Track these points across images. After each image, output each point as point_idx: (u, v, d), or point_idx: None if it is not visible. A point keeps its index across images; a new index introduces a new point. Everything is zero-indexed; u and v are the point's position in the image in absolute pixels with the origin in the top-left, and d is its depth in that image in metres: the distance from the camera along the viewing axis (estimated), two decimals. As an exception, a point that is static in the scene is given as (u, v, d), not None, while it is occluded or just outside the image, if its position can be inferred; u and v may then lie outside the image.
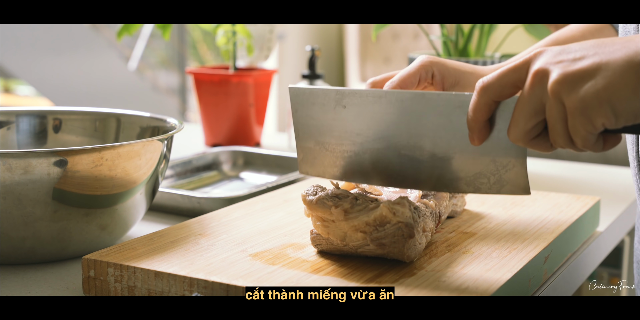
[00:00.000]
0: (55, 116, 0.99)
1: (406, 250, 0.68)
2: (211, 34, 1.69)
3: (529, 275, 0.73)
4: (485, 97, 0.64)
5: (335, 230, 0.71)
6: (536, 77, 0.60)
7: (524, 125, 0.62)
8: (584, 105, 0.57)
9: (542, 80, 0.60)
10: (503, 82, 0.63)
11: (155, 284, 0.68)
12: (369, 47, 4.39)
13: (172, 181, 1.13)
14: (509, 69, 0.63)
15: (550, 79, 0.59)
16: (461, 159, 0.71)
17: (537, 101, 0.61)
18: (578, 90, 0.57)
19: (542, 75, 0.60)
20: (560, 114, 0.59)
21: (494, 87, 0.64)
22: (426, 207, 0.74)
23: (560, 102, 0.59)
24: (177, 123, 0.90)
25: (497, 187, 0.71)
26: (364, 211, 0.69)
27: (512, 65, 0.63)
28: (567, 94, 0.58)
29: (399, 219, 0.68)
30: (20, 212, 0.74)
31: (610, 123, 0.58)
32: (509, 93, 0.64)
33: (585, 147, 0.60)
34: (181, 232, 0.79)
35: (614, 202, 1.08)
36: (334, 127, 0.76)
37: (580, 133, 0.59)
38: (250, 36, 1.43)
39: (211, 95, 1.43)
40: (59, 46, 3.96)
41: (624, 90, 0.56)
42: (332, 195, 0.70)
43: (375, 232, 0.69)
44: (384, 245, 0.69)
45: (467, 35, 1.25)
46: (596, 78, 0.57)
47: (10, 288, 0.73)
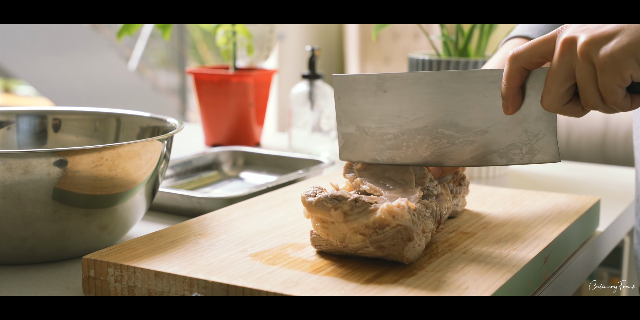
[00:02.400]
0: (55, 116, 0.99)
1: (405, 252, 0.68)
2: (211, 34, 1.69)
3: (529, 275, 0.73)
4: (515, 65, 0.71)
5: (335, 232, 0.70)
6: (565, 44, 0.67)
7: (556, 91, 0.68)
8: (612, 60, 0.64)
9: (571, 46, 0.67)
10: (532, 52, 0.70)
11: (155, 284, 0.68)
12: (369, 47, 4.39)
13: (172, 181, 1.13)
14: (539, 41, 0.69)
15: (579, 42, 0.66)
16: (494, 132, 0.76)
17: (567, 67, 0.67)
18: (605, 47, 0.65)
19: (571, 42, 0.67)
20: (591, 73, 0.66)
21: (523, 56, 0.70)
22: (426, 208, 0.74)
23: (589, 62, 0.65)
24: (177, 123, 0.90)
25: (529, 157, 0.76)
26: (363, 214, 0.69)
27: (542, 38, 0.69)
28: (596, 53, 0.65)
29: (398, 222, 0.68)
30: (20, 212, 0.74)
31: (637, 74, 0.65)
32: (537, 62, 0.70)
33: (615, 103, 0.67)
34: (181, 232, 0.79)
35: (614, 202, 1.08)
36: (375, 111, 0.79)
37: (611, 88, 0.65)
38: (250, 36, 1.43)
39: (211, 95, 1.43)
40: (59, 46, 3.96)
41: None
42: (331, 198, 0.70)
43: (374, 234, 0.69)
44: (384, 247, 0.69)
45: (467, 35, 1.25)
46: (620, 36, 0.65)
47: (10, 288, 0.73)
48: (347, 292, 0.64)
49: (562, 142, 2.99)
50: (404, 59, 4.34)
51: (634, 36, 0.64)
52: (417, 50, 4.33)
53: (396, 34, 4.41)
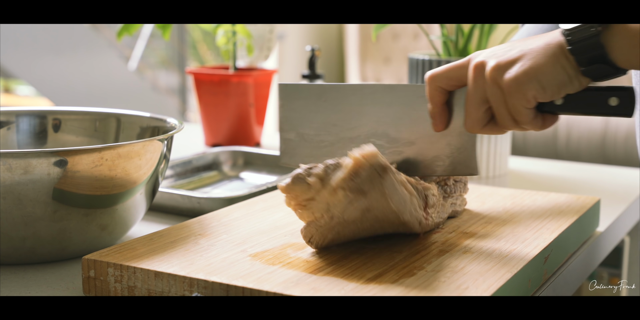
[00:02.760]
0: (55, 116, 0.99)
1: (387, 191, 0.69)
2: (211, 34, 1.69)
3: (529, 275, 0.73)
4: (433, 85, 0.76)
5: (317, 205, 0.71)
6: (476, 70, 0.72)
7: (475, 114, 0.73)
8: (516, 83, 0.69)
9: (481, 71, 0.72)
10: (449, 75, 0.75)
11: (155, 284, 0.68)
12: (369, 47, 4.39)
13: (172, 181, 1.13)
14: (454, 66, 0.74)
15: (487, 67, 0.71)
16: (421, 143, 0.81)
17: (480, 91, 0.72)
18: (510, 71, 0.70)
19: (481, 67, 0.72)
20: (500, 97, 0.71)
21: (440, 78, 0.75)
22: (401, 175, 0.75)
23: (497, 86, 0.71)
24: (177, 123, 0.90)
25: (450, 169, 0.81)
26: (337, 170, 0.70)
27: (457, 62, 0.74)
28: (502, 77, 0.70)
29: (369, 162, 0.69)
30: (20, 212, 0.74)
31: (540, 95, 0.70)
32: (454, 85, 0.75)
33: (526, 123, 0.72)
34: (181, 232, 0.79)
35: (614, 202, 1.08)
36: (314, 119, 0.84)
37: (518, 109, 0.71)
38: (250, 36, 1.43)
39: (211, 95, 1.43)
40: (59, 46, 3.96)
41: (546, 67, 0.69)
42: (304, 171, 0.71)
43: (351, 182, 0.69)
44: (365, 192, 0.69)
45: (467, 35, 1.25)
46: (523, 60, 0.70)
47: (10, 288, 0.73)
48: (347, 292, 0.64)
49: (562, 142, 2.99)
50: (404, 59, 4.34)
51: (534, 60, 0.69)
52: (417, 50, 4.33)
53: (396, 34, 4.41)
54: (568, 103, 0.72)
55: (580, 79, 0.70)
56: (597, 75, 0.70)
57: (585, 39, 0.69)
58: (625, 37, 0.68)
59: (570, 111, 0.73)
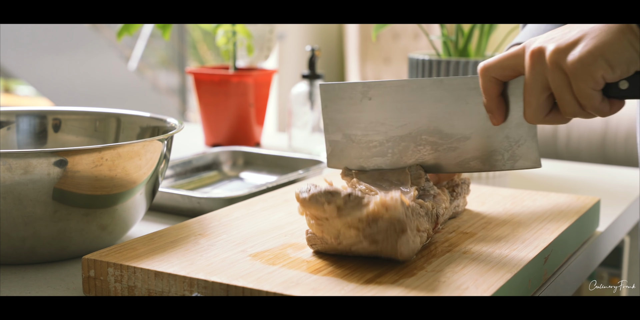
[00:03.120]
0: (55, 116, 0.99)
1: (399, 246, 0.68)
2: (211, 34, 1.69)
3: (529, 275, 0.73)
4: (487, 77, 0.72)
5: (329, 228, 0.70)
6: (534, 56, 0.68)
7: (536, 103, 0.69)
8: (581, 64, 0.65)
9: (540, 57, 0.68)
10: (504, 64, 0.71)
11: (155, 284, 0.68)
12: (369, 47, 4.39)
13: (172, 181, 1.13)
14: (509, 54, 0.71)
15: (547, 52, 0.67)
16: (477, 138, 0.77)
17: (540, 77, 0.68)
18: (573, 53, 0.66)
19: (539, 53, 0.68)
20: (564, 81, 0.67)
21: (494, 68, 0.72)
22: (421, 207, 0.74)
23: (560, 70, 0.67)
24: (177, 123, 0.90)
25: (511, 163, 0.78)
26: (356, 207, 0.69)
27: (511, 51, 0.70)
28: (565, 60, 0.66)
29: (391, 214, 0.68)
30: (20, 212, 0.74)
31: (609, 75, 0.66)
32: (509, 75, 0.71)
33: (593, 108, 0.67)
34: (181, 232, 0.79)
35: (614, 202, 1.08)
36: (361, 118, 0.81)
37: (586, 92, 0.66)
38: (250, 36, 1.43)
39: (211, 95, 1.43)
40: (59, 46, 3.96)
41: (612, 44, 0.65)
42: (325, 192, 0.70)
43: (367, 228, 0.69)
44: (377, 241, 0.69)
45: (467, 35, 1.25)
46: (585, 40, 0.66)
47: (10, 288, 0.73)
48: (347, 292, 0.64)
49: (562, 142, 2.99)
50: (404, 59, 4.34)
51: (598, 38, 0.66)
52: (417, 50, 4.33)
53: (396, 34, 4.41)
54: (634, 86, 0.68)
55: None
56: None
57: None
58: None
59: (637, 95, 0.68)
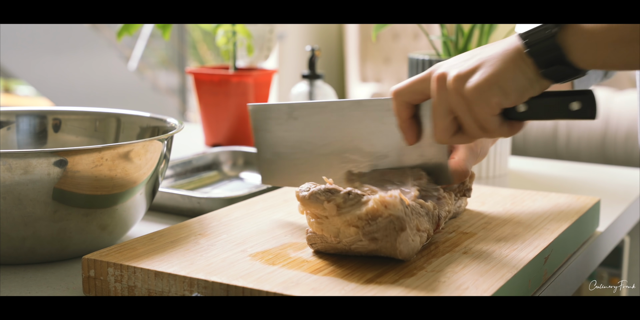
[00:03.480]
0: (55, 116, 0.99)
1: (398, 244, 0.68)
2: (211, 34, 1.69)
3: (529, 275, 0.73)
4: (398, 100, 0.76)
5: (329, 227, 0.70)
6: (439, 82, 0.72)
7: (442, 125, 0.74)
8: (478, 90, 0.70)
9: (443, 82, 0.72)
10: (412, 89, 0.75)
11: (155, 284, 0.68)
12: (369, 47, 4.39)
13: (172, 181, 1.13)
14: (417, 79, 0.75)
15: (449, 79, 0.72)
16: (394, 156, 0.81)
17: (444, 102, 0.72)
18: (471, 80, 0.70)
19: (442, 78, 0.72)
20: (464, 106, 0.71)
21: (404, 92, 0.76)
22: (421, 207, 0.74)
23: (460, 96, 0.71)
24: (177, 123, 0.90)
25: None
26: (356, 206, 0.69)
27: (419, 76, 0.75)
28: (464, 87, 0.71)
29: (390, 212, 0.68)
30: (20, 212, 0.74)
31: (504, 101, 0.70)
32: (419, 98, 0.76)
33: (493, 131, 0.72)
34: (181, 232, 0.79)
35: (614, 202, 1.08)
36: (287, 137, 0.85)
37: (484, 117, 0.71)
38: (250, 36, 1.43)
39: (211, 95, 1.43)
40: (59, 46, 3.96)
41: (506, 72, 0.70)
42: (324, 191, 0.70)
43: (367, 226, 0.69)
44: (376, 239, 0.69)
45: (467, 35, 1.24)
46: (483, 68, 0.70)
47: (10, 288, 0.73)
48: (347, 292, 0.64)
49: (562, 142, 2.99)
50: (404, 59, 4.33)
51: (494, 67, 0.70)
52: (417, 50, 4.33)
53: (396, 34, 4.41)
54: (531, 109, 0.72)
55: (541, 82, 0.70)
56: (558, 77, 0.70)
57: (542, 40, 0.69)
58: (581, 37, 0.68)
59: (535, 117, 0.73)
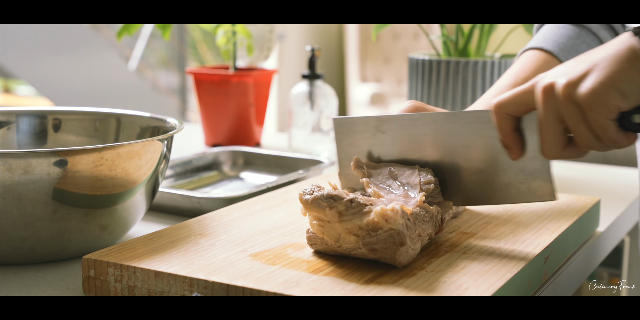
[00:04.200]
0: (55, 116, 0.99)
1: (398, 256, 0.68)
2: (211, 34, 1.69)
3: (529, 275, 0.73)
4: (500, 113, 0.72)
5: (330, 231, 0.70)
6: (546, 92, 0.68)
7: (552, 139, 0.69)
8: (594, 95, 0.65)
9: (552, 92, 0.68)
10: (516, 101, 0.71)
11: (155, 284, 0.68)
12: (369, 47, 4.39)
13: (172, 181, 1.13)
14: (520, 91, 0.71)
15: (559, 86, 0.67)
16: (492, 171, 0.77)
17: (554, 113, 0.68)
18: (585, 85, 0.66)
19: (551, 88, 0.68)
20: (578, 114, 0.67)
21: (507, 105, 0.72)
22: (426, 212, 0.74)
23: (574, 103, 0.67)
24: (177, 123, 0.90)
25: (526, 196, 0.77)
26: (357, 215, 0.69)
27: (522, 88, 0.71)
28: (577, 92, 0.66)
29: (391, 226, 0.68)
30: (20, 212, 0.74)
31: (622, 103, 0.66)
32: (522, 111, 0.72)
33: (609, 138, 0.67)
34: (181, 232, 0.79)
35: (614, 202, 1.08)
36: (374, 152, 0.81)
37: (601, 123, 0.66)
38: (250, 36, 1.43)
39: (211, 95, 1.43)
40: (59, 46, 3.96)
41: (622, 72, 0.65)
42: (327, 197, 0.70)
43: (367, 236, 0.69)
44: (376, 250, 0.69)
45: (467, 35, 1.25)
46: (596, 71, 0.66)
47: (10, 288, 0.73)
48: (347, 292, 0.64)
49: (562, 142, 2.97)
50: (404, 59, 4.33)
51: (608, 68, 0.66)
52: (417, 50, 4.33)
53: (396, 34, 4.41)
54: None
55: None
56: None
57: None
58: None
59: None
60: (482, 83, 1.22)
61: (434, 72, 1.22)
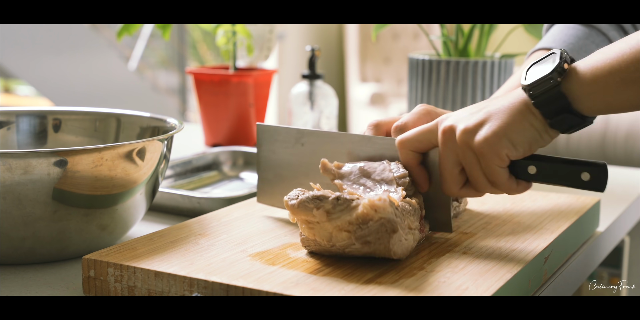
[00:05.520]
0: (55, 116, 0.99)
1: (392, 246, 0.68)
2: (211, 34, 1.69)
3: (529, 275, 0.73)
4: (405, 150, 0.77)
5: (321, 232, 0.71)
6: (446, 134, 0.73)
7: (449, 177, 0.74)
8: (487, 143, 0.71)
9: (451, 135, 0.73)
10: (419, 138, 0.76)
11: (155, 284, 0.68)
12: (369, 47, 4.39)
13: (172, 181, 1.13)
14: (423, 130, 0.75)
15: (457, 132, 0.72)
16: None
17: (452, 154, 0.73)
18: (480, 133, 0.71)
19: (450, 131, 0.73)
20: (473, 159, 0.72)
21: (411, 142, 0.76)
22: (410, 206, 0.74)
23: (469, 149, 0.72)
24: (177, 123, 0.90)
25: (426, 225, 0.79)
26: (346, 211, 0.69)
27: (425, 127, 0.75)
28: (472, 140, 0.71)
29: (380, 215, 0.68)
30: (20, 212, 0.74)
31: (512, 153, 0.71)
32: (425, 148, 0.76)
33: (501, 184, 0.72)
34: (181, 232, 0.79)
35: (614, 202, 1.08)
36: (292, 161, 0.85)
37: (492, 169, 0.71)
38: (250, 36, 1.43)
39: (211, 95, 1.43)
40: (59, 46, 3.96)
41: (514, 124, 0.71)
42: (312, 198, 0.70)
43: (359, 230, 0.69)
44: (369, 242, 0.69)
45: (467, 35, 1.25)
46: (491, 121, 0.71)
47: (10, 288, 0.73)
48: (347, 292, 0.64)
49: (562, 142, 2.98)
50: (404, 59, 4.33)
51: (502, 119, 0.71)
52: (417, 50, 4.33)
53: (396, 34, 4.41)
54: (541, 174, 0.73)
55: (549, 132, 0.71)
56: (565, 127, 0.71)
57: (547, 91, 0.70)
58: (584, 84, 0.69)
59: (543, 181, 0.73)
60: (482, 83, 1.22)
61: (434, 72, 1.22)
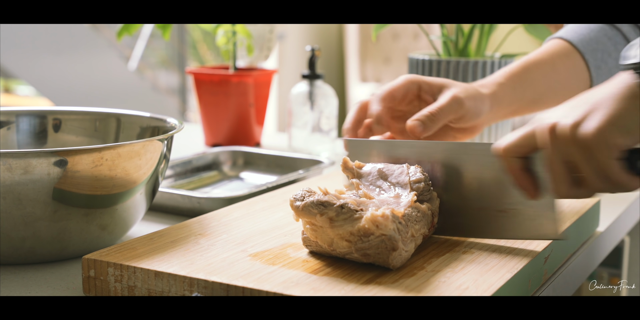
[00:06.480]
0: (55, 116, 0.99)
1: (391, 260, 0.68)
2: (211, 34, 1.69)
3: (529, 275, 0.73)
4: (507, 158, 0.73)
5: (323, 236, 0.71)
6: (551, 133, 0.69)
7: (560, 179, 0.70)
8: (598, 132, 0.66)
9: (556, 133, 0.69)
10: (520, 144, 0.72)
11: (155, 284, 0.68)
12: (369, 47, 4.39)
13: (172, 181, 1.13)
14: (523, 135, 0.72)
15: (564, 127, 0.68)
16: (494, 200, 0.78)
17: (560, 153, 0.69)
18: (588, 125, 0.67)
19: (556, 129, 0.69)
20: (584, 154, 0.67)
21: (512, 150, 0.73)
22: (418, 212, 0.74)
23: (579, 143, 0.67)
24: (177, 123, 0.90)
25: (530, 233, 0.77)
26: (348, 221, 0.69)
27: (524, 132, 0.72)
28: (582, 132, 0.67)
29: (382, 232, 0.68)
30: (20, 212, 0.74)
31: (628, 140, 0.66)
32: (527, 152, 0.72)
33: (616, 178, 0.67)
34: (181, 232, 0.79)
35: (614, 202, 1.08)
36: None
37: (607, 161, 0.67)
38: (250, 36, 1.43)
39: (211, 95, 1.43)
40: (59, 46, 3.96)
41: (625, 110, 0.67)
42: (317, 203, 0.70)
43: (359, 242, 0.69)
44: (369, 255, 0.69)
45: (467, 35, 1.25)
46: (599, 111, 0.67)
47: (10, 288, 0.73)
48: (347, 292, 0.64)
49: None
50: (404, 59, 4.33)
51: (610, 108, 0.67)
52: (417, 50, 4.32)
53: (396, 34, 4.41)
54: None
55: None
56: None
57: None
58: None
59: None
60: (482, 83, 1.21)
61: (434, 72, 1.22)
